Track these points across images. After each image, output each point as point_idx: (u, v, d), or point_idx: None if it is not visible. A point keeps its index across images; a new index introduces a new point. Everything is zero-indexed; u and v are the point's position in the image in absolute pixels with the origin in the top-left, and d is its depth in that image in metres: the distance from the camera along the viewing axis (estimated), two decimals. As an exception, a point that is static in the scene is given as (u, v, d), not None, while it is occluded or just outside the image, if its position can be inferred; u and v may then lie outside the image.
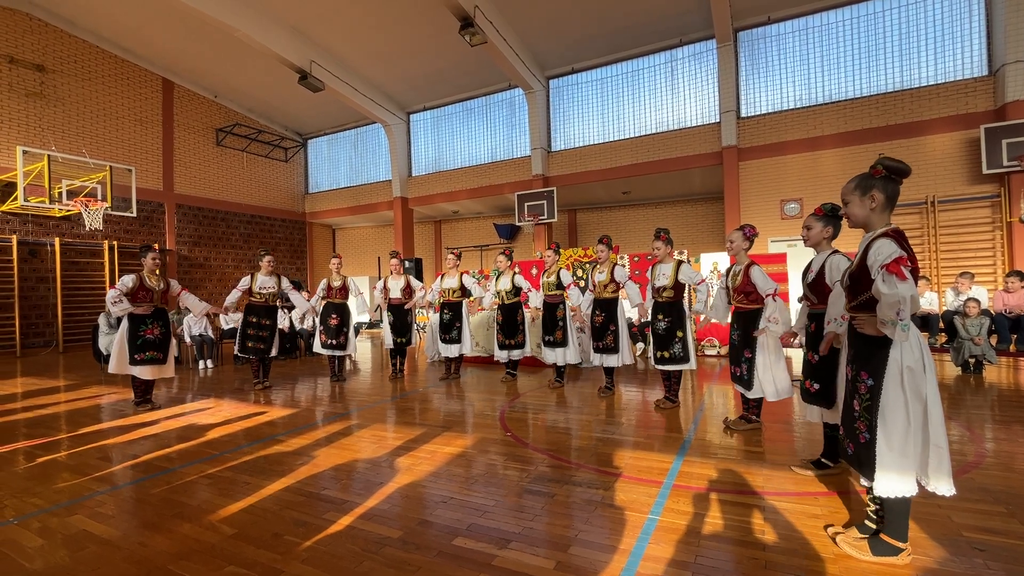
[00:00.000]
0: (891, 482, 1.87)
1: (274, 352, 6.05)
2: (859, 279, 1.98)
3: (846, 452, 2.13)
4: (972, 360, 5.91)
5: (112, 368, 4.90)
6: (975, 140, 8.75)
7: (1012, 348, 6.03)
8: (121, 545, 2.23)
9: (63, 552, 2.18)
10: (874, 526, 2.04)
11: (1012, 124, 8.33)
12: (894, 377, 1.87)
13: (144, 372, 4.95)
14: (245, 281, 6.00)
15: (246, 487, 2.88)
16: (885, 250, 1.83)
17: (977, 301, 5.99)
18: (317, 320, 6.77)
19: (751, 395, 3.67)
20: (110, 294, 4.81)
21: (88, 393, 6.04)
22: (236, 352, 6.10)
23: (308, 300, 6.98)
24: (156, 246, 11.65)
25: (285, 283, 6.16)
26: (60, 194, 10.30)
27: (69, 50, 11.83)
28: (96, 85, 12.29)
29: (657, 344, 4.51)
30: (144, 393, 5.11)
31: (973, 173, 8.91)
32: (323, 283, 6.58)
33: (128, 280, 4.89)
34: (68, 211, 10.42)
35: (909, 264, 1.80)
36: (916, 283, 1.81)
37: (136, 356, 4.89)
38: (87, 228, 10.50)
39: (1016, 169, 8.27)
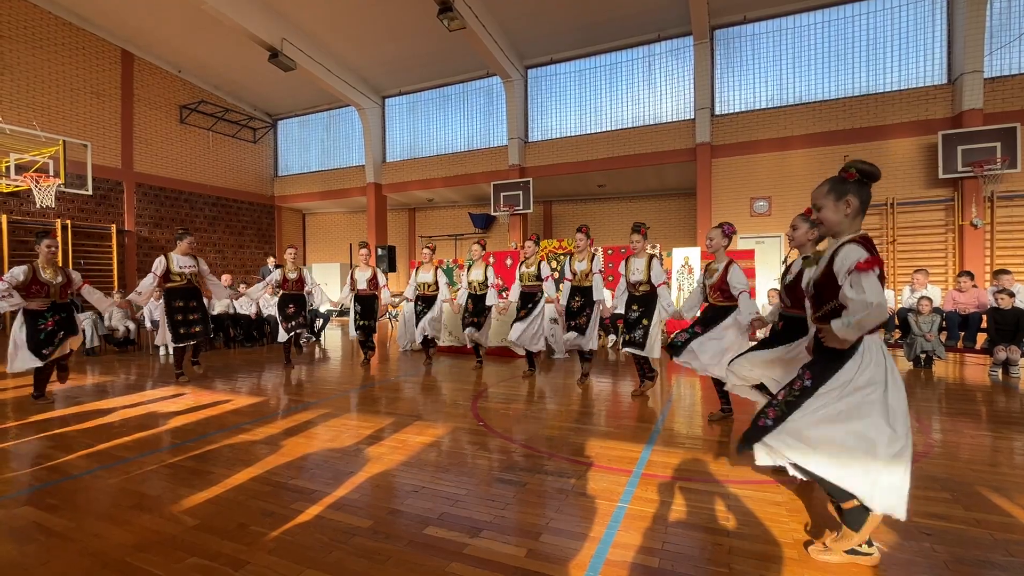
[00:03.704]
0: (765, 457, 1.98)
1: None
2: (824, 287, 1.89)
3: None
4: (923, 355, 6.22)
5: (14, 367, 4.40)
6: (933, 146, 9.12)
7: (960, 344, 6.36)
8: (74, 537, 2.14)
9: (10, 546, 2.08)
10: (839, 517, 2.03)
11: (967, 132, 8.72)
12: (831, 392, 1.85)
13: (59, 353, 4.60)
14: (160, 262, 5.36)
15: (210, 477, 2.79)
16: (853, 255, 1.76)
17: (929, 299, 6.29)
18: (276, 311, 6.76)
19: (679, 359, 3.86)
20: None
21: (39, 379, 5.74)
22: (172, 344, 5.45)
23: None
24: (53, 232, 10.72)
25: (203, 265, 5.70)
26: (8, 168, 9.67)
27: (19, 15, 11.05)
28: (49, 54, 11.54)
29: (627, 328, 4.76)
30: (44, 386, 4.70)
31: (930, 177, 9.30)
32: (276, 274, 6.52)
33: (19, 272, 4.35)
34: (16, 187, 9.81)
35: (879, 267, 1.72)
36: (883, 288, 1.76)
37: (44, 351, 4.46)
38: (38, 205, 9.90)
39: (969, 175, 8.68)
